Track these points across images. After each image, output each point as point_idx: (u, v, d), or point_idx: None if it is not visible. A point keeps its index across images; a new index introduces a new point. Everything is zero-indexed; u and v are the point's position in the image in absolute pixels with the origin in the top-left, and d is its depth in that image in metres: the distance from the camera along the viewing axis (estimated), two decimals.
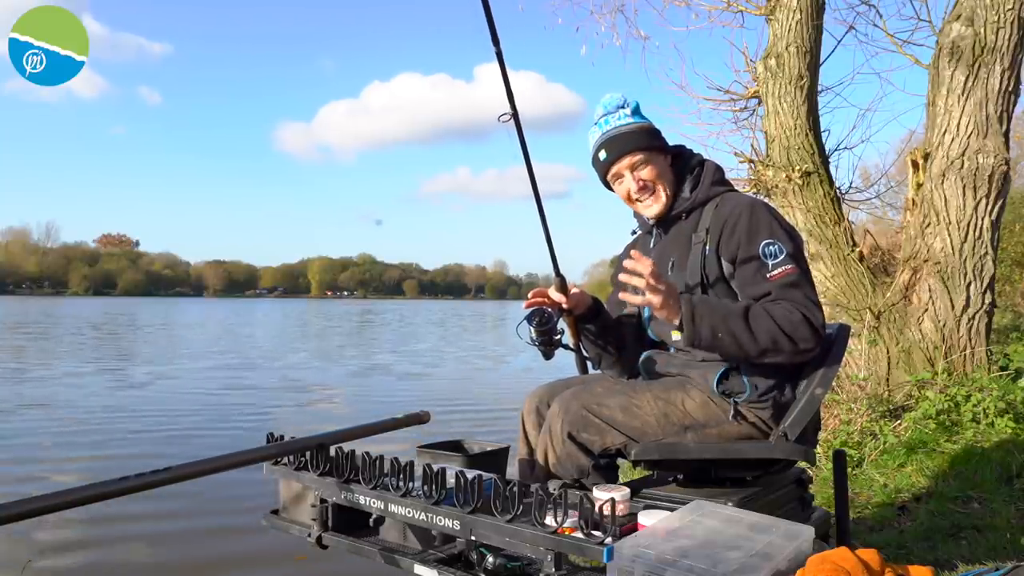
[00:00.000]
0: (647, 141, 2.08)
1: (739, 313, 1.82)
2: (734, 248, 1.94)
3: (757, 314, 1.82)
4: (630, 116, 2.09)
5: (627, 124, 2.08)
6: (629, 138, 2.06)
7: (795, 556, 1.35)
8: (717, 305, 1.85)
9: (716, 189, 2.09)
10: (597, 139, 2.11)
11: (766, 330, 1.80)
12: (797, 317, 1.81)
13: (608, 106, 2.11)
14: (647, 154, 2.07)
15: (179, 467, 1.52)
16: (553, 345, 2.08)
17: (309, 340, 23.85)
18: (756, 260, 1.90)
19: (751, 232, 1.93)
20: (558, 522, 1.52)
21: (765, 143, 5.57)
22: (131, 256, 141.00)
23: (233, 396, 10.06)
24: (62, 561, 3.83)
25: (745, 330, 1.80)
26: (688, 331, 1.80)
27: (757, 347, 1.81)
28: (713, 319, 1.80)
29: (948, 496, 3.33)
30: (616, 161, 2.07)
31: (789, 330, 1.80)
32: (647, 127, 2.10)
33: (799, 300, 1.85)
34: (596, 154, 2.11)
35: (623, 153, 2.06)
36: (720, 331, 1.79)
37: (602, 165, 2.10)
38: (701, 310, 1.80)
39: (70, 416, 8.14)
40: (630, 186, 2.08)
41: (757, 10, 5.89)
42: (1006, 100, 4.69)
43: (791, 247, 1.93)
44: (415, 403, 8.86)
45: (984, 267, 4.60)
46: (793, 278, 1.88)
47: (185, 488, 4.15)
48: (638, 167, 2.06)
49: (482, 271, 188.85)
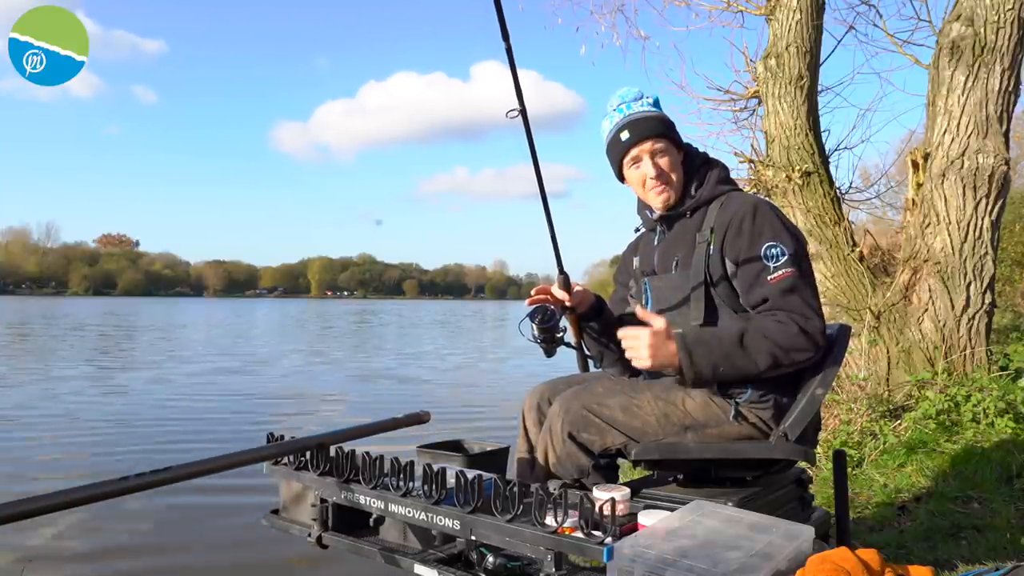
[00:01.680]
0: (668, 131, 2.09)
1: (735, 342, 1.83)
2: (738, 249, 1.94)
3: (753, 337, 1.83)
4: (652, 106, 2.10)
5: (651, 111, 2.09)
6: (653, 123, 2.06)
7: (795, 556, 1.35)
8: (711, 339, 1.86)
9: (721, 188, 2.09)
10: (617, 122, 2.09)
11: (766, 352, 1.82)
12: (793, 330, 1.83)
13: (626, 96, 2.11)
14: (667, 143, 2.07)
15: (179, 467, 1.52)
16: (555, 343, 2.08)
17: (309, 340, 23.84)
18: (758, 262, 1.90)
19: (755, 233, 1.93)
20: (558, 522, 1.52)
21: (765, 143, 5.57)
22: (131, 256, 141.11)
23: (233, 396, 10.06)
24: (62, 561, 3.82)
25: (744, 358, 1.82)
26: (688, 374, 1.82)
27: (758, 369, 1.84)
28: (712, 357, 1.82)
29: (948, 496, 3.33)
30: (638, 143, 2.05)
31: (787, 345, 1.82)
32: (668, 119, 2.12)
33: (796, 307, 1.86)
34: (616, 135, 2.09)
35: (646, 136, 2.05)
36: (721, 366, 1.82)
37: (622, 146, 2.08)
38: (698, 351, 1.82)
39: (64, 420, 8.14)
40: (647, 171, 2.06)
41: (757, 10, 5.89)
42: (1006, 100, 4.69)
43: (793, 249, 1.92)
44: (415, 403, 8.87)
45: (984, 267, 4.60)
46: (792, 281, 1.88)
47: (185, 488, 4.16)
48: (658, 154, 2.06)
49: (482, 271, 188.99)
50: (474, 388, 11.82)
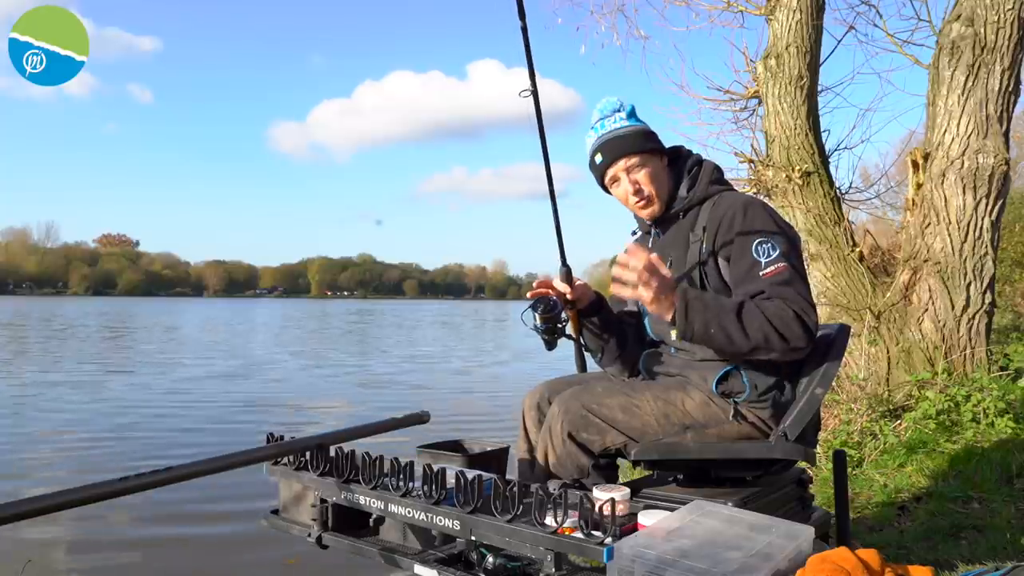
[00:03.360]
0: (642, 144, 2.09)
1: (732, 309, 1.82)
2: (729, 246, 1.95)
3: (750, 311, 1.82)
4: (625, 120, 2.11)
5: (622, 127, 2.10)
6: (624, 142, 2.08)
7: (795, 556, 1.35)
8: (711, 300, 1.85)
9: (713, 188, 2.10)
10: (593, 143, 2.13)
11: (758, 327, 1.80)
12: (789, 315, 1.81)
13: (604, 110, 2.13)
14: (642, 157, 2.08)
15: (179, 467, 1.52)
16: (556, 334, 2.08)
17: (309, 341, 23.83)
18: (750, 258, 1.91)
19: (745, 230, 1.93)
20: (558, 522, 1.52)
21: (765, 143, 5.57)
22: (131, 256, 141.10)
23: (233, 396, 10.06)
24: (62, 562, 3.83)
25: (737, 327, 1.80)
26: (680, 325, 1.81)
27: (748, 343, 1.81)
28: (706, 315, 1.80)
29: (948, 496, 3.33)
30: (611, 164, 2.09)
31: (781, 327, 1.80)
32: (642, 130, 2.11)
33: (792, 298, 1.85)
34: (592, 158, 2.14)
35: (618, 156, 2.08)
36: (712, 326, 1.80)
37: (599, 168, 2.13)
38: (695, 305, 1.80)
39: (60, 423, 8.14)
40: (627, 188, 2.10)
41: (757, 10, 5.89)
42: (1006, 100, 4.69)
43: (785, 246, 1.93)
44: (415, 403, 8.87)
45: (984, 267, 4.60)
46: (785, 276, 1.88)
47: (185, 487, 4.15)
48: (633, 170, 2.08)
49: (482, 271, 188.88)
50: (474, 388, 11.82)
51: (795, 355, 1.87)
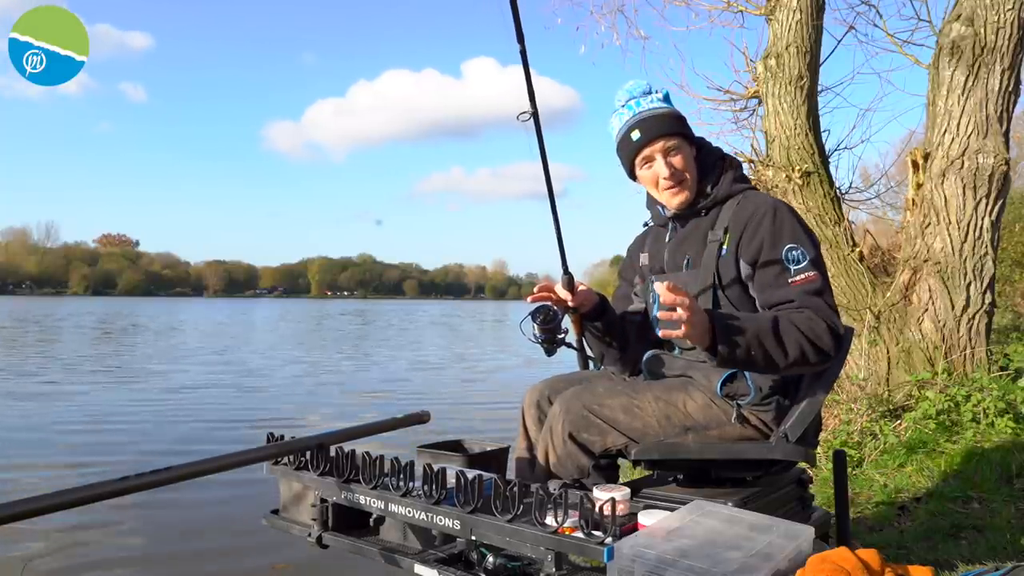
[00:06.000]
0: (680, 127, 2.03)
1: (768, 328, 1.74)
2: (755, 250, 1.90)
3: (785, 328, 1.75)
4: (662, 101, 2.04)
5: (661, 108, 2.03)
6: (663, 121, 2.00)
7: (795, 556, 1.35)
8: (745, 322, 1.75)
9: (737, 187, 2.04)
10: (628, 120, 2.03)
11: (795, 342, 1.74)
12: (821, 327, 1.77)
13: (634, 91, 2.05)
14: (679, 140, 2.01)
15: (179, 467, 1.52)
16: (556, 343, 2.06)
17: (309, 340, 23.83)
18: (779, 264, 1.86)
19: (775, 235, 1.88)
20: (558, 522, 1.52)
21: (765, 143, 5.57)
22: (131, 256, 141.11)
23: (233, 397, 10.06)
24: (61, 561, 3.82)
25: (776, 345, 1.73)
26: (723, 352, 1.70)
27: (787, 360, 1.75)
28: (746, 338, 1.72)
29: (948, 496, 3.33)
30: (650, 143, 2.00)
31: (816, 340, 1.75)
32: (680, 114, 2.06)
33: (821, 308, 1.81)
34: (627, 134, 2.02)
35: (658, 135, 1.99)
36: (753, 349, 1.72)
37: (633, 146, 2.02)
38: (734, 331, 1.72)
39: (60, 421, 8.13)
40: (660, 171, 2.00)
41: (757, 10, 5.89)
42: (1006, 100, 4.69)
43: (813, 253, 1.89)
44: (415, 403, 8.87)
45: (984, 267, 4.60)
46: (817, 285, 1.84)
47: (185, 487, 4.16)
48: (671, 152, 2.00)
49: (482, 271, 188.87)
50: (474, 388, 11.82)
51: (825, 365, 1.83)
